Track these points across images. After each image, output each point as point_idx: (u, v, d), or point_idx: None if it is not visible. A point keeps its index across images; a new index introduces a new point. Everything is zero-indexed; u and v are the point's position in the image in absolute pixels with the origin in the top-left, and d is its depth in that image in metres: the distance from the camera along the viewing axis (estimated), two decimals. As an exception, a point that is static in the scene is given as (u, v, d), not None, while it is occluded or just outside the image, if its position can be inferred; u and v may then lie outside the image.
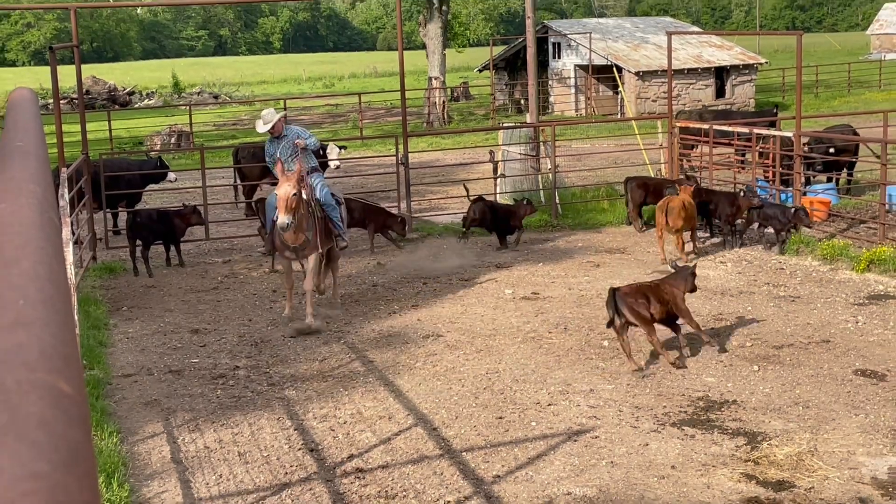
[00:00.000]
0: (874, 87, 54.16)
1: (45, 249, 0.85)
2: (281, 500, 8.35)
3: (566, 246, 18.09)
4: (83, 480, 0.48)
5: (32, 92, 2.13)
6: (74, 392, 0.58)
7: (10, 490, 0.44)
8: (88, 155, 18.63)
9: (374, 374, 11.45)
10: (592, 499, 8.19)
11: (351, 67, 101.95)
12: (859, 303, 13.61)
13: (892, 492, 8.11)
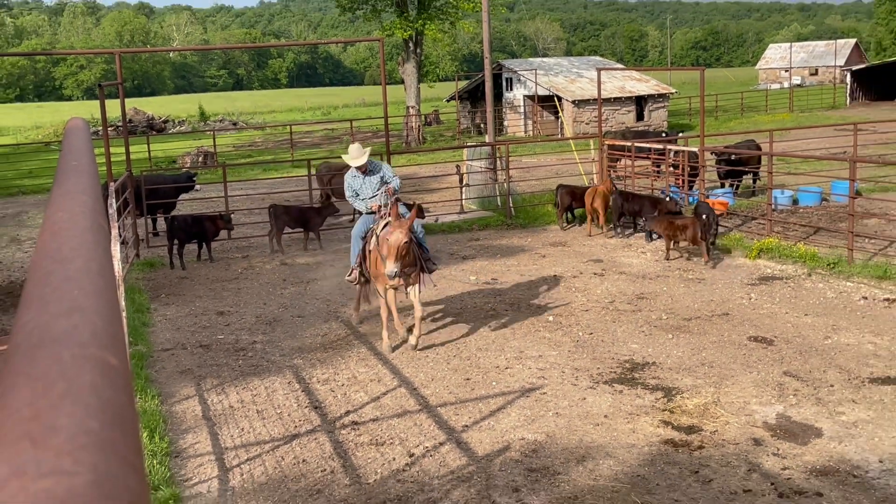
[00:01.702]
0: (762, 111, 54.61)
1: (95, 250, 0.85)
2: (291, 448, 8.35)
3: (519, 241, 18.15)
4: (128, 435, 0.48)
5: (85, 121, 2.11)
6: (120, 364, 0.58)
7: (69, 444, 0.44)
8: (132, 171, 18.57)
9: (366, 346, 11.46)
10: (541, 443, 8.22)
11: (344, 99, 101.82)
12: (752, 283, 13.73)
13: (779, 432, 8.19)
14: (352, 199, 11.70)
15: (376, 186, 11.51)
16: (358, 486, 7.52)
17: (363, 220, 11.60)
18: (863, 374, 9.58)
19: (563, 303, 13.15)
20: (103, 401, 0.48)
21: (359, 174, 11.56)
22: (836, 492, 7.05)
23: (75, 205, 1.06)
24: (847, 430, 8.18)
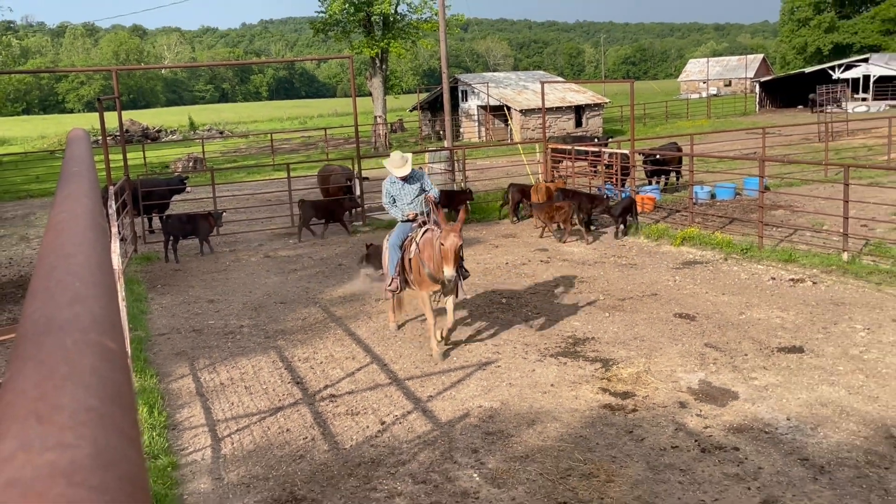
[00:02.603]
0: (684, 117, 55.13)
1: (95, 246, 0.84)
2: (276, 419, 8.30)
3: (474, 234, 18.15)
4: (125, 411, 0.47)
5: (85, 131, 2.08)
6: (118, 348, 0.57)
7: (71, 420, 0.43)
8: (129, 176, 18.32)
9: (342, 327, 11.41)
10: (497, 409, 8.26)
11: (318, 110, 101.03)
12: (676, 267, 13.87)
13: (701, 396, 8.29)
14: (388, 206, 10.35)
15: (416, 194, 10.25)
16: (336, 451, 7.50)
17: (400, 229, 10.32)
18: (772, 344, 9.73)
19: (514, 287, 13.20)
20: (103, 381, 0.47)
21: (398, 181, 10.25)
22: (750, 446, 7.16)
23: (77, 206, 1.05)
24: (759, 392, 8.31)
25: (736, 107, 62.27)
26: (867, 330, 10.00)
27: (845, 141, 31.66)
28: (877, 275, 12.26)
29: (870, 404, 7.87)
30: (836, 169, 20.57)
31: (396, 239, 10.29)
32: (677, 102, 65.24)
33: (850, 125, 35.94)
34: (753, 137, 29.07)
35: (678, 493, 6.44)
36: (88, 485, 0.37)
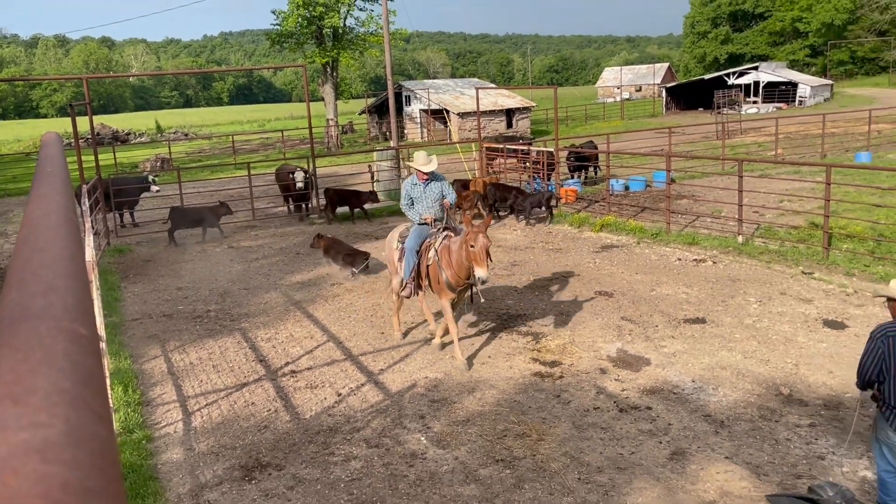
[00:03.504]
0: (601, 119, 55.82)
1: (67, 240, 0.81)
2: (242, 394, 8.18)
3: (418, 223, 18.14)
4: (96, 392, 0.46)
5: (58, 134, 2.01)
6: (89, 334, 0.55)
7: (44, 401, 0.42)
8: (101, 175, 17.77)
9: (301, 310, 11.29)
10: (441, 379, 8.28)
11: (275, 113, 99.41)
12: (596, 251, 14.06)
13: (618, 363, 8.44)
14: (405, 208, 9.21)
15: (436, 197, 9.12)
16: (297, 420, 7.44)
17: (417, 233, 9.10)
18: (679, 316, 9.95)
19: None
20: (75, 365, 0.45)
21: (419, 183, 9.11)
22: (661, 406, 7.33)
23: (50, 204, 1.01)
24: (668, 359, 8.50)
25: (646, 109, 63.31)
26: (759, 302, 10.30)
27: (739, 139, 32.46)
28: (766, 254, 12.63)
29: (762, 366, 8.12)
30: (731, 163, 21.08)
31: (414, 243, 9.01)
32: (595, 106, 66.01)
33: (744, 125, 36.86)
34: (661, 136, 29.62)
35: (600, 448, 6.56)
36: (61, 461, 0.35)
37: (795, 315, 9.67)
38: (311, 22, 41.65)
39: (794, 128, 32.94)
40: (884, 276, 10.92)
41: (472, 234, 7.96)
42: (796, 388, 7.51)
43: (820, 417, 6.90)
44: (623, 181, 20.36)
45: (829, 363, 8.09)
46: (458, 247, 8.27)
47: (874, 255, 11.87)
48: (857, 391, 7.40)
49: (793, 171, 20.92)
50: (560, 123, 35.71)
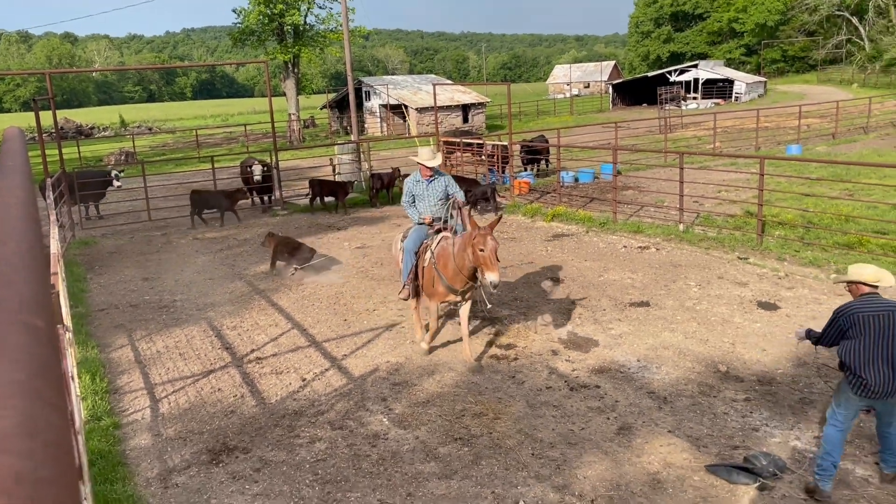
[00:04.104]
0: (552, 114, 56.18)
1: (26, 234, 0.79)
2: (209, 380, 8.07)
3: (380, 214, 18.06)
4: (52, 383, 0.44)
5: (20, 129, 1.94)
6: (46, 327, 0.53)
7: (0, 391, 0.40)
8: (65, 169, 17.27)
9: (265, 299, 11.17)
10: (402, 364, 8.28)
11: (238, 108, 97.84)
12: (548, 239, 14.18)
13: (569, 345, 8.54)
14: (406, 206, 8.59)
15: (439, 195, 8.42)
16: (263, 405, 7.37)
17: (416, 233, 8.42)
18: (625, 300, 10.10)
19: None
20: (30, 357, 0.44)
21: (422, 180, 8.43)
22: (609, 384, 7.45)
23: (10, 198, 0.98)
24: (615, 340, 8.63)
25: (594, 105, 63.91)
26: (699, 286, 10.51)
27: (680, 133, 32.99)
28: (705, 241, 12.88)
29: (701, 346, 8.30)
30: (673, 156, 21.41)
31: (412, 244, 8.33)
32: (546, 102, 66.39)
33: (684, 119, 37.46)
34: (608, 131, 29.93)
35: (552, 424, 6.64)
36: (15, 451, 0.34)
37: (732, 298, 9.89)
38: (272, 19, 41.02)
39: (731, 122, 33.60)
40: (812, 260, 11.23)
41: (480, 236, 7.16)
42: (733, 366, 7.70)
43: (754, 392, 7.08)
44: (573, 173, 20.54)
45: (762, 342, 8.31)
46: (461, 249, 7.47)
47: (803, 240, 12.20)
48: (789, 368, 7.62)
49: (729, 163, 21.35)
50: (513, 118, 35.84)
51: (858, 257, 11.00)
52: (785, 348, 8.09)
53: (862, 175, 17.21)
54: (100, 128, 61.97)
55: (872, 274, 5.28)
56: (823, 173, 17.70)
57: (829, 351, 7.46)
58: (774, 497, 5.37)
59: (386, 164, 24.46)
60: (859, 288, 5.34)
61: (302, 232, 16.28)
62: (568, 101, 64.08)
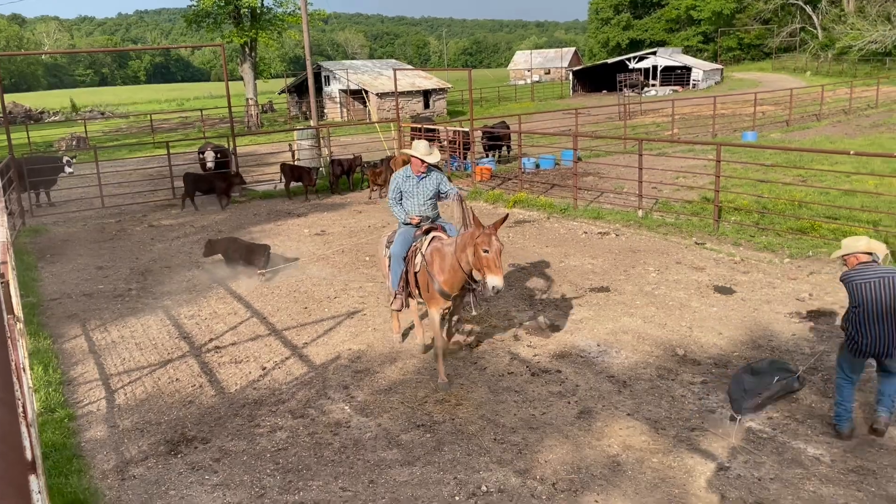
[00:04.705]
0: (513, 100, 56.28)
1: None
2: (166, 371, 7.95)
3: (340, 201, 17.92)
4: (-1, 376, 0.43)
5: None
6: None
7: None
8: (14, 155, 16.75)
9: (223, 287, 11.01)
10: (364, 351, 8.26)
11: (194, 93, 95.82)
12: (510, 226, 14.21)
13: (530, 330, 8.60)
14: (392, 204, 7.79)
15: (430, 194, 7.76)
16: (222, 395, 7.29)
17: (403, 236, 7.66)
18: (585, 285, 10.22)
19: (376, 246, 13.15)
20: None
21: (413, 176, 7.71)
22: (570, 369, 7.54)
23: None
24: (576, 325, 8.73)
25: (554, 91, 64.20)
26: (657, 271, 10.68)
27: (639, 119, 33.37)
28: (664, 227, 13.09)
29: (660, 330, 8.45)
30: (632, 142, 21.66)
31: (400, 249, 7.60)
32: (507, 88, 66.47)
33: (643, 106, 37.88)
34: (568, 117, 30.10)
35: (514, 410, 6.70)
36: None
37: (689, 282, 10.08)
38: (229, 2, 40.22)
39: (689, 109, 34.10)
40: (767, 245, 11.49)
41: (484, 236, 6.54)
42: (690, 349, 7.86)
43: (711, 375, 7.25)
44: (534, 160, 20.63)
45: (719, 325, 8.49)
46: (461, 249, 6.86)
47: (758, 225, 12.47)
48: (744, 351, 7.81)
49: (687, 150, 21.68)
50: (475, 104, 35.82)
51: (811, 242, 11.30)
52: (740, 331, 8.28)
53: (815, 162, 17.64)
54: (50, 112, 60.17)
55: (865, 245, 5.86)
56: (778, 160, 18.09)
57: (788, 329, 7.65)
58: (730, 477, 5.52)
59: (346, 150, 24.25)
60: (856, 258, 5.88)
61: (261, 219, 16.09)
62: (529, 88, 64.28)
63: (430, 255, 7.25)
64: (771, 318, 8.63)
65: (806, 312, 8.73)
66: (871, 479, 5.41)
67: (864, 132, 24.68)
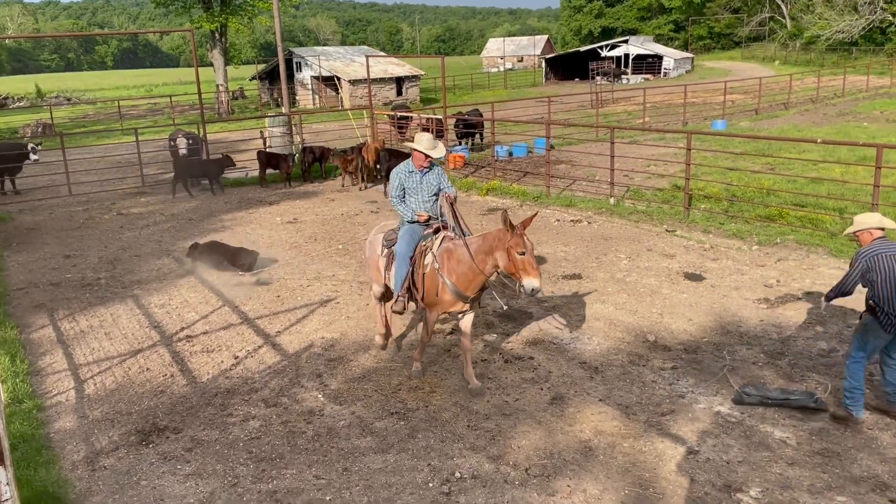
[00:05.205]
0: (486, 88, 56.24)
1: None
2: (136, 360, 7.85)
3: (313, 189, 17.79)
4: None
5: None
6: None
7: None
8: (-23, 142, 16.34)
9: (195, 275, 10.88)
10: (337, 339, 8.23)
11: (163, 78, 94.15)
12: (483, 213, 14.25)
13: (504, 318, 8.62)
14: (395, 201, 7.20)
15: (433, 189, 7.23)
16: (194, 384, 7.22)
17: (409, 235, 7.06)
18: (558, 272, 10.28)
19: (350, 234, 13.10)
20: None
21: (416, 171, 7.17)
22: (542, 355, 7.59)
23: None
24: (548, 312, 8.79)
25: (527, 79, 64.22)
26: (629, 258, 10.78)
27: (611, 107, 33.56)
28: (635, 214, 13.20)
29: (631, 317, 8.54)
30: (604, 130, 21.79)
31: (406, 248, 7.01)
32: (480, 75, 66.34)
33: (615, 94, 38.08)
34: (541, 105, 30.16)
35: (488, 396, 6.74)
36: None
37: (660, 269, 10.19)
38: (198, -15, 39.56)
39: (660, 98, 34.36)
40: (736, 232, 11.65)
41: (517, 237, 6.20)
42: (661, 335, 7.96)
43: (681, 360, 7.35)
44: (507, 147, 20.66)
45: (689, 311, 8.60)
46: (486, 251, 6.45)
47: (728, 213, 12.64)
48: (713, 337, 7.92)
49: (658, 138, 21.87)
50: (448, 92, 35.67)
51: (779, 229, 11.48)
52: (710, 318, 8.40)
53: (783, 150, 17.90)
54: (14, 98, 58.75)
55: (878, 221, 6.01)
56: (747, 148, 18.33)
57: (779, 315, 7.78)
58: (699, 460, 5.61)
59: (319, 137, 24.06)
60: (870, 234, 6.00)
61: (232, 206, 15.92)
62: (502, 75, 64.21)
63: (442, 256, 6.74)
64: (740, 304, 8.77)
65: (773, 298, 8.88)
66: (836, 461, 5.54)
67: (831, 121, 25.10)
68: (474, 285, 6.65)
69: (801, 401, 6.25)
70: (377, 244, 7.58)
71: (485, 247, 6.47)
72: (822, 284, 9.22)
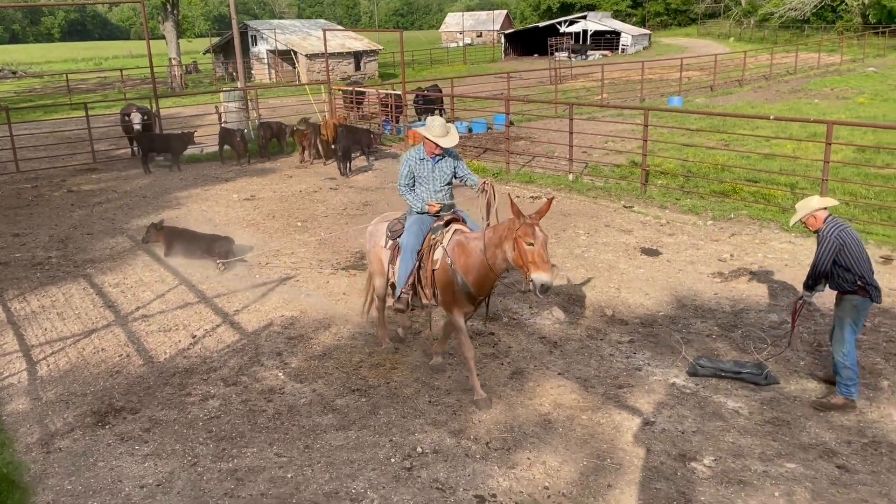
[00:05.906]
0: (445, 63, 55.82)
1: None
2: (91, 340, 7.69)
3: (270, 166, 17.52)
4: None
5: None
6: None
7: None
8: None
9: (150, 254, 10.66)
10: (297, 317, 8.18)
11: (113, 52, 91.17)
12: (443, 189, 14.19)
13: (465, 294, 8.67)
14: (404, 191, 6.53)
15: (446, 178, 6.58)
16: (151, 364, 7.12)
17: (417, 226, 6.45)
18: (518, 249, 10.32)
19: (309, 211, 12.97)
20: None
21: (427, 158, 6.49)
22: (502, 331, 7.66)
23: None
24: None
25: (486, 55, 63.92)
26: (587, 234, 10.90)
27: (570, 84, 33.66)
28: (593, 190, 13.33)
29: (589, 291, 8.65)
30: (563, 106, 21.85)
31: (414, 241, 6.39)
32: (439, 50, 65.82)
33: (574, 71, 38.19)
34: (500, 81, 30.08)
35: (449, 371, 6.78)
36: None
37: (618, 245, 10.33)
38: (148, -45, 38.34)
39: (618, 74, 34.56)
40: (691, 207, 11.86)
41: (526, 226, 5.64)
42: (618, 310, 8.09)
43: (638, 334, 7.49)
44: (467, 124, 20.59)
45: (646, 286, 8.76)
46: (495, 244, 5.91)
47: (683, 189, 12.84)
48: (669, 310, 8.07)
49: (616, 114, 22.04)
50: (406, 67, 35.38)
51: (732, 205, 11.72)
52: (666, 292, 8.56)
53: (737, 126, 18.21)
54: (-46, 70, 56.45)
55: (819, 202, 6.00)
56: (702, 124, 18.60)
57: (705, 293, 7.94)
58: (655, 431, 5.75)
59: (276, 113, 23.66)
60: (815, 217, 5.98)
61: (187, 183, 15.61)
62: (461, 51, 63.82)
63: (453, 250, 6.18)
64: (695, 278, 8.95)
65: (727, 272, 9.09)
66: (786, 430, 5.73)
67: (784, 98, 25.60)
68: (486, 284, 6.09)
69: (751, 375, 6.42)
70: (379, 235, 6.93)
71: (494, 240, 5.90)
72: (773, 258, 9.46)
